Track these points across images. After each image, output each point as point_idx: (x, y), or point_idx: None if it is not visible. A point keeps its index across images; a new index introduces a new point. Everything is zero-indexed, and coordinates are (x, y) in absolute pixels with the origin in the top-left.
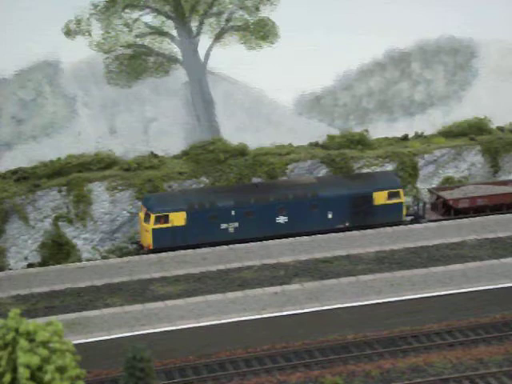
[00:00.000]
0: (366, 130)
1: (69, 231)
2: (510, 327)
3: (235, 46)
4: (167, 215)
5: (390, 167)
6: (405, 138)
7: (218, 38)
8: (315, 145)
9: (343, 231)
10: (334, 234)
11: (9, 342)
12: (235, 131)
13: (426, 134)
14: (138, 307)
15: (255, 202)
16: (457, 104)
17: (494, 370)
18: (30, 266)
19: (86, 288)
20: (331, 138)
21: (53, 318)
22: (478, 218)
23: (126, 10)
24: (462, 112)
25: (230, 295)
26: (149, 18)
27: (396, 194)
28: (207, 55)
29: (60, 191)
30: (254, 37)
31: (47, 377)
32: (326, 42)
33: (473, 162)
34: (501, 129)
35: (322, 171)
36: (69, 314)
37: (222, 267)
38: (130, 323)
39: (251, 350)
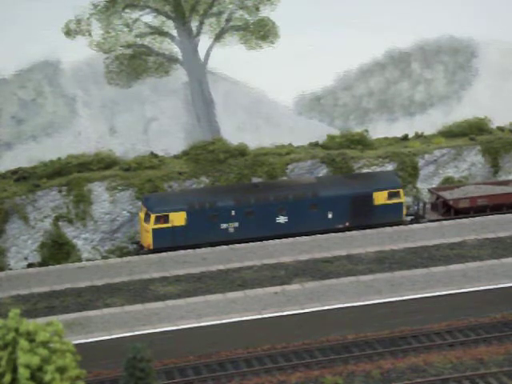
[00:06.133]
0: (366, 130)
1: (69, 231)
2: (510, 327)
3: (235, 46)
4: (167, 215)
5: (390, 167)
6: (405, 138)
7: (217, 38)
8: (315, 145)
9: (343, 231)
10: (333, 233)
11: (9, 342)
12: (235, 131)
13: (426, 134)
14: (138, 307)
15: (255, 201)
16: (457, 104)
17: (494, 370)
18: (30, 266)
19: (86, 288)
20: (331, 138)
21: (53, 318)
22: (478, 218)
23: (126, 10)
24: (462, 112)
25: (230, 295)
26: (149, 17)
27: (396, 194)
28: (207, 55)
29: (60, 191)
30: (254, 37)
31: (47, 377)
32: (326, 42)
33: (473, 162)
34: (501, 129)
35: (322, 171)
36: (69, 314)
37: (221, 267)
38: (131, 323)
39: (251, 350)
